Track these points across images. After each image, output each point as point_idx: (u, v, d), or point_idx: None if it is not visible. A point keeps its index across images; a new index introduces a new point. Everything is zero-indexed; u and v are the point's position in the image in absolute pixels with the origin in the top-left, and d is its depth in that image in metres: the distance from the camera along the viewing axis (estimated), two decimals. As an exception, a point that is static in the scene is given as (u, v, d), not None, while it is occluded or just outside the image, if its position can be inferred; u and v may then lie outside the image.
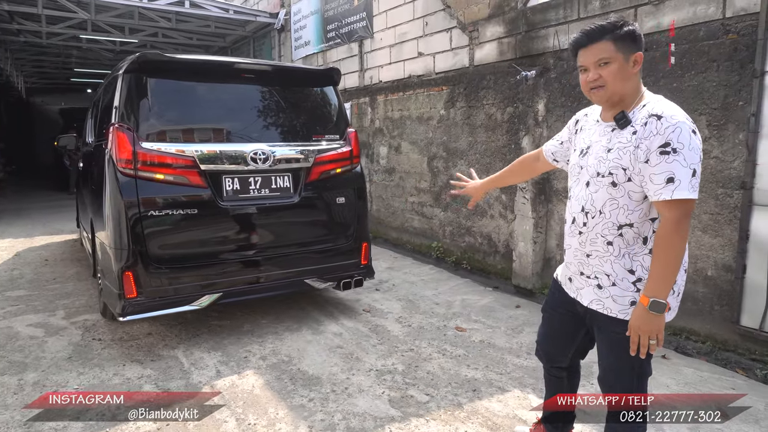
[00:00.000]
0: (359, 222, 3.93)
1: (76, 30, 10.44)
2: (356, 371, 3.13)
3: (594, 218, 1.79)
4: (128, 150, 3.12)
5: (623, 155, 1.70)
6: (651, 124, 1.63)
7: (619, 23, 1.72)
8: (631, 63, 1.72)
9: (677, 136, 1.58)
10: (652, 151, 1.61)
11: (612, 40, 1.71)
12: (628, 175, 1.69)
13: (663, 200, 1.60)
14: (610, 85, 1.72)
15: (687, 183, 1.57)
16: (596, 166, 1.79)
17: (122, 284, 3.13)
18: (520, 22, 4.82)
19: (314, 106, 3.97)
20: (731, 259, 3.39)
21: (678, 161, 1.57)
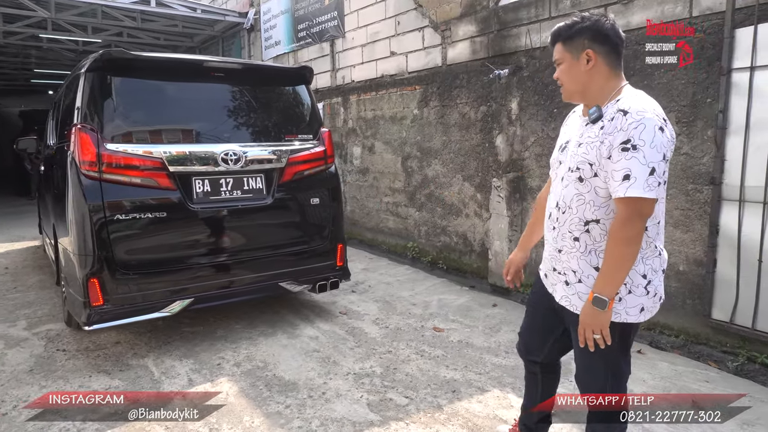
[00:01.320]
0: (334, 223, 3.87)
1: (36, 29, 10.05)
2: (333, 375, 3.06)
3: (564, 213, 1.79)
4: (92, 152, 2.99)
5: (590, 150, 1.68)
6: (616, 120, 1.62)
7: (569, 25, 1.75)
8: (583, 60, 1.72)
9: (639, 132, 1.56)
10: (614, 147, 1.60)
11: (561, 42, 1.77)
12: (594, 171, 1.67)
13: (617, 197, 1.60)
14: (566, 84, 1.80)
15: (643, 181, 1.55)
16: (569, 161, 1.78)
17: (87, 292, 2.99)
18: (492, 20, 4.83)
19: (287, 105, 3.89)
20: (702, 253, 3.45)
21: (636, 158, 1.55)
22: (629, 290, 1.70)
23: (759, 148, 3.09)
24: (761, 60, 3.04)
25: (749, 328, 3.23)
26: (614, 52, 1.74)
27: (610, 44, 1.72)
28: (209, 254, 3.39)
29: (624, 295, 1.70)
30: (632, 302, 1.70)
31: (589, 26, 1.71)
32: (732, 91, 3.18)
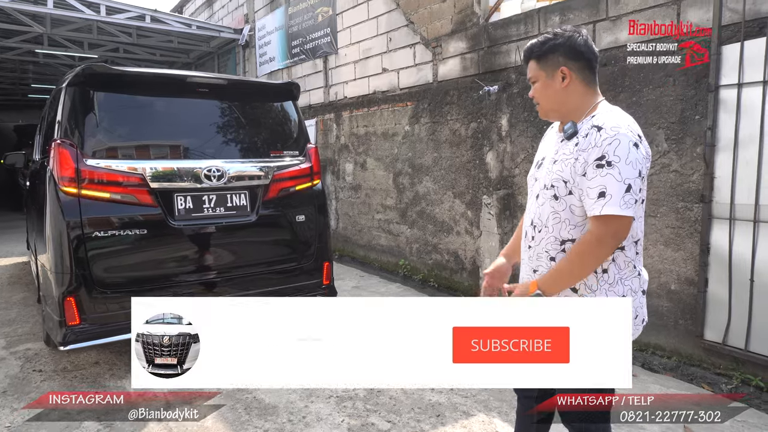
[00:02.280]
0: (320, 240, 3.81)
1: (32, 44, 10.09)
2: (315, 398, 2.98)
3: (540, 232, 1.73)
4: (71, 167, 2.94)
5: (564, 167, 1.64)
6: (591, 136, 1.58)
7: (543, 41, 1.71)
8: (558, 78, 1.68)
9: (614, 148, 1.52)
10: (589, 164, 1.56)
11: (535, 60, 1.74)
12: (569, 188, 1.62)
13: (593, 215, 1.55)
14: (542, 103, 1.76)
15: (618, 198, 1.50)
16: (544, 178, 1.73)
17: (63, 311, 2.92)
18: (482, 37, 4.83)
19: (273, 121, 3.86)
20: (694, 272, 3.39)
21: (612, 175, 1.51)
22: None
23: (748, 166, 3.05)
24: (748, 77, 3.01)
25: (742, 349, 3.16)
26: (589, 67, 1.70)
27: (584, 60, 1.69)
28: (191, 273, 3.33)
29: None
30: None
31: (562, 43, 1.68)
32: (720, 108, 3.15)
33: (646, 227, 3.61)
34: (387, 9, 5.98)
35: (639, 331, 1.71)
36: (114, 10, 8.33)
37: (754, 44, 2.99)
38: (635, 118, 1.70)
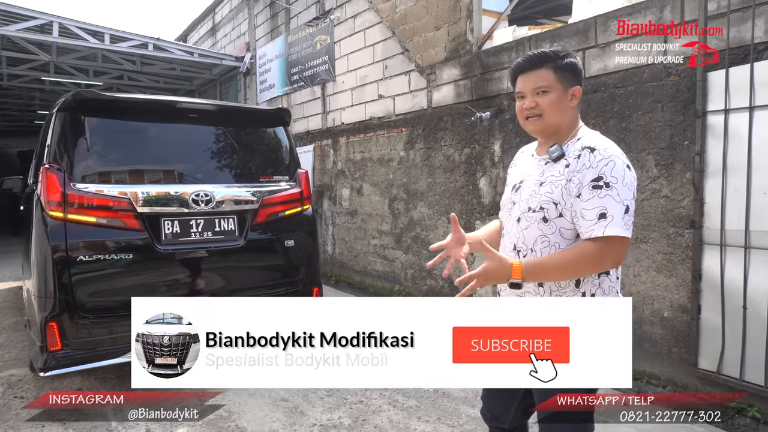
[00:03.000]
0: (310, 265, 3.78)
1: (39, 72, 10.30)
2: (298, 426, 2.91)
3: (525, 257, 1.69)
4: (58, 191, 2.95)
5: (555, 189, 1.62)
6: (584, 157, 1.57)
7: (562, 53, 1.68)
8: (569, 96, 1.67)
9: (610, 170, 1.52)
10: (584, 185, 1.54)
11: (553, 69, 1.65)
12: (560, 210, 1.60)
13: (595, 236, 1.52)
14: (547, 116, 1.66)
15: (620, 219, 1.50)
16: (528, 201, 1.70)
17: (45, 336, 2.89)
18: (475, 64, 4.88)
19: (263, 146, 3.88)
20: (686, 299, 3.34)
21: (611, 196, 1.50)
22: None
23: (737, 191, 3.03)
24: (735, 103, 3.02)
25: (737, 378, 3.09)
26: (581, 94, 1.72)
27: (582, 86, 1.71)
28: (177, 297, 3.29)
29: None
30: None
31: (575, 63, 1.68)
32: (708, 134, 3.15)
33: (639, 253, 3.58)
34: (383, 37, 6.07)
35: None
36: (118, 38, 8.50)
37: (740, 71, 3.00)
38: (625, 143, 1.72)
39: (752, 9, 2.94)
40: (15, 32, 7.72)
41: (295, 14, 7.91)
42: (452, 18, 5.11)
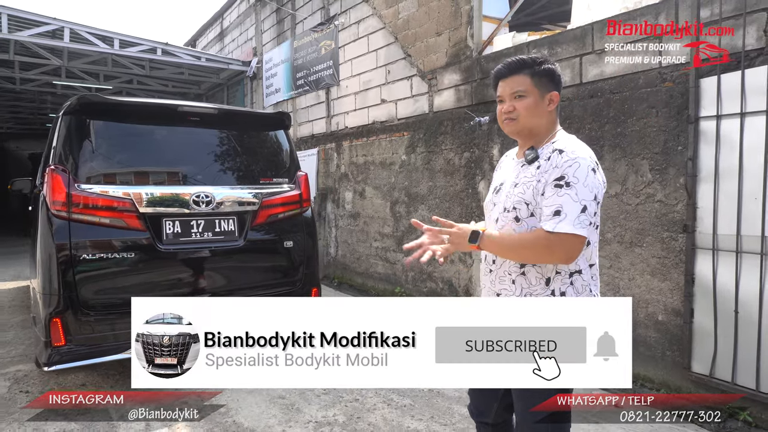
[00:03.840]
0: (308, 266, 3.85)
1: (50, 76, 10.50)
2: (294, 423, 2.97)
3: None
4: (62, 192, 3.04)
5: (527, 189, 1.69)
6: (553, 159, 1.64)
7: (539, 60, 1.74)
8: (546, 101, 1.73)
9: (574, 171, 1.58)
10: (548, 184, 1.61)
11: (530, 75, 1.72)
12: (531, 210, 1.67)
13: (545, 230, 1.58)
14: (522, 119, 1.73)
15: (573, 218, 1.55)
16: (504, 202, 1.77)
17: (49, 331, 2.98)
18: (475, 70, 4.94)
19: (263, 149, 3.96)
20: (680, 303, 3.37)
21: (569, 195, 1.56)
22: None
23: (728, 196, 3.06)
24: (726, 109, 3.05)
25: (729, 382, 3.11)
26: (559, 99, 1.77)
27: (560, 92, 1.77)
28: (178, 296, 3.37)
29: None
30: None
31: (553, 70, 1.74)
32: (700, 139, 3.18)
33: (633, 257, 3.61)
34: (386, 42, 6.15)
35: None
36: (127, 43, 8.66)
37: (731, 77, 3.04)
38: (621, 148, 1.76)
39: (743, 17, 2.98)
40: (28, 37, 7.89)
41: (301, 20, 8.02)
42: (453, 24, 5.17)
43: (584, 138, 3.78)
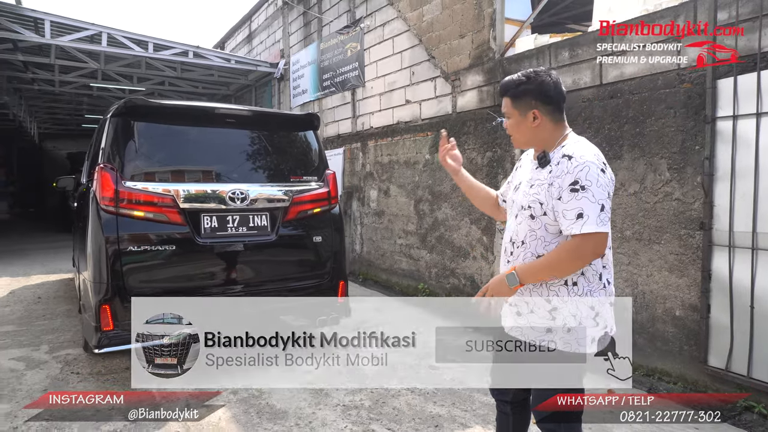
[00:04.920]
0: (336, 261, 4.04)
1: (87, 78, 10.95)
2: (323, 406, 3.17)
3: (518, 248, 1.91)
4: (111, 189, 3.29)
5: (540, 191, 1.84)
6: (562, 164, 1.78)
7: (518, 81, 1.88)
8: (530, 117, 1.87)
9: (585, 174, 1.72)
10: (564, 189, 1.75)
11: (510, 97, 1.91)
12: (544, 209, 1.82)
13: (573, 234, 1.73)
14: (513, 135, 1.96)
15: (595, 218, 1.70)
16: (521, 200, 1.93)
17: (99, 317, 3.23)
18: (497, 71, 5.07)
19: (294, 149, 4.16)
20: (697, 298, 3.45)
21: (586, 198, 1.71)
22: (579, 322, 1.81)
23: (744, 195, 3.14)
24: (743, 109, 3.13)
25: (745, 376, 3.19)
26: (557, 109, 1.90)
27: (553, 103, 1.88)
28: (214, 286, 3.60)
29: (574, 326, 1.80)
30: (582, 333, 1.81)
31: (534, 88, 1.86)
32: (717, 139, 3.27)
33: (652, 253, 3.70)
34: (410, 44, 6.31)
35: (608, 340, 1.86)
36: (160, 46, 9.00)
37: (748, 78, 3.12)
38: (639, 147, 1.89)
39: (759, 19, 3.06)
40: (68, 42, 8.28)
41: (327, 22, 8.24)
42: (476, 26, 5.31)
43: (604, 138, 3.91)
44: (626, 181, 3.82)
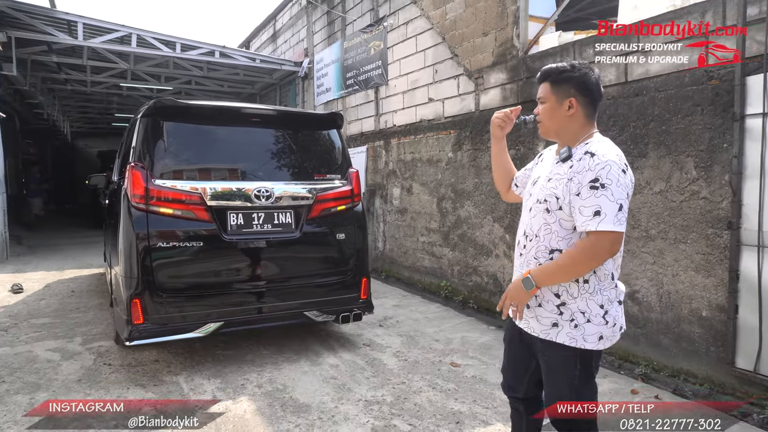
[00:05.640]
0: (359, 257, 4.09)
1: (118, 79, 11.23)
2: (345, 401, 3.22)
3: (531, 241, 1.92)
4: (141, 186, 3.40)
5: (558, 185, 1.84)
6: (584, 161, 1.78)
7: (560, 69, 1.90)
8: (565, 106, 1.88)
9: (606, 172, 1.72)
10: (583, 185, 1.76)
11: (550, 83, 1.91)
12: (560, 204, 1.82)
13: (589, 230, 1.73)
14: (544, 122, 1.95)
15: (612, 216, 1.70)
16: (538, 194, 1.94)
17: (130, 311, 3.34)
18: (521, 69, 5.05)
19: (317, 147, 4.23)
20: (724, 299, 3.39)
21: (606, 196, 1.71)
22: (587, 319, 1.82)
23: (774, 193, 3.07)
24: (773, 106, 3.07)
25: (773, 377, 3.13)
26: (592, 104, 1.91)
27: (591, 97, 1.90)
28: (240, 282, 3.69)
29: (582, 323, 1.82)
30: (590, 330, 1.82)
31: (577, 77, 1.88)
32: (746, 137, 3.21)
33: (677, 253, 3.66)
34: (433, 42, 6.32)
35: (617, 337, 1.87)
36: (188, 47, 9.18)
37: (778, 75, 3.05)
38: (665, 146, 1.88)
39: (791, 14, 2.99)
40: (99, 44, 8.52)
41: (351, 21, 8.29)
42: (500, 24, 5.29)
43: (629, 136, 3.87)
44: (651, 180, 3.77)
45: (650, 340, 3.84)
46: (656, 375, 3.71)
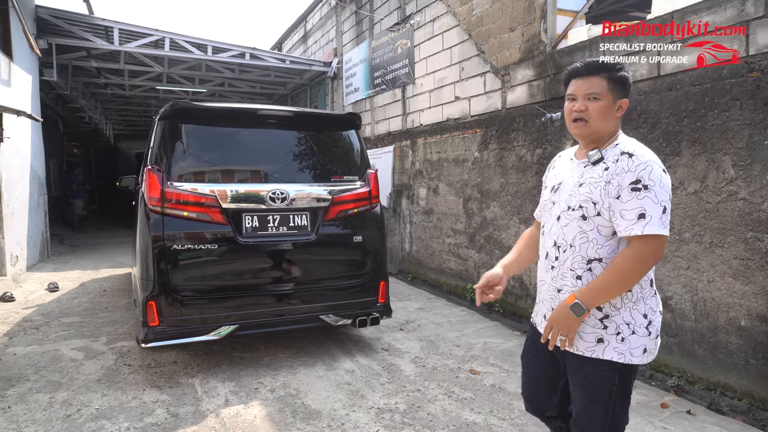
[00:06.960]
0: (376, 260, 4.01)
1: (154, 82, 11.51)
2: (357, 408, 3.14)
3: (565, 252, 1.78)
4: (157, 189, 3.41)
5: (594, 189, 1.71)
6: (623, 162, 1.65)
7: (618, 66, 1.76)
8: (617, 107, 1.75)
9: (648, 173, 1.60)
10: (623, 188, 1.63)
11: (607, 79, 1.73)
12: (598, 209, 1.69)
13: (634, 235, 1.60)
14: (593, 121, 1.74)
15: (657, 219, 1.58)
16: (567, 200, 1.79)
17: (146, 313, 3.36)
18: (548, 65, 4.86)
19: (335, 148, 4.16)
20: (765, 308, 3.15)
21: (649, 198, 1.59)
22: (632, 331, 1.70)
23: (820, 195, 2.82)
24: (819, 100, 2.82)
25: (819, 395, 2.88)
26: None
27: (629, 99, 1.80)
28: (255, 285, 3.66)
29: (627, 335, 1.69)
30: (636, 343, 1.69)
31: (627, 78, 1.76)
32: (789, 133, 2.96)
33: (713, 258, 3.42)
34: (460, 40, 6.18)
35: (657, 350, 1.76)
36: (219, 49, 9.31)
37: (826, 65, 2.80)
38: (700, 143, 1.74)
39: (840, -1, 2.73)
40: (135, 48, 8.72)
41: (378, 20, 8.22)
42: (527, 19, 5.11)
43: (661, 133, 3.66)
44: (685, 180, 3.55)
45: (684, 350, 3.61)
46: (690, 387, 3.49)
